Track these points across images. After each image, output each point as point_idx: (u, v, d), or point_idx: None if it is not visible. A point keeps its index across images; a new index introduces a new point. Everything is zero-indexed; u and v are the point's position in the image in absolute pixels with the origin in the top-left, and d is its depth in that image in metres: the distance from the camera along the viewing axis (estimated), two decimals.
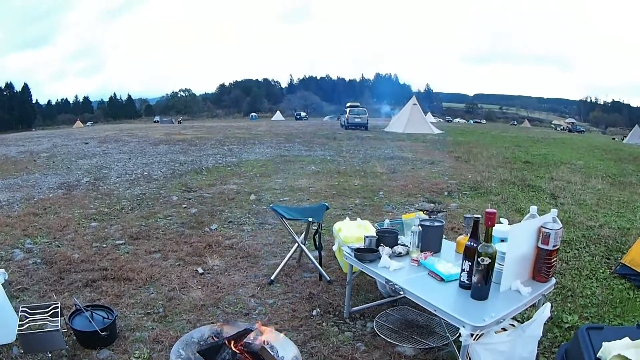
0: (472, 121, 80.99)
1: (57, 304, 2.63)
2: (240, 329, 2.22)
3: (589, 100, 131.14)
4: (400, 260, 2.60)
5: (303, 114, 67.07)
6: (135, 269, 3.69)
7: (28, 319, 2.46)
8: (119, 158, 11.48)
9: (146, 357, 2.47)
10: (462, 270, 2.21)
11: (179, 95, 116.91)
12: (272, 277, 3.50)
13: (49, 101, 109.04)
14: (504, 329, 2.14)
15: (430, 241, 2.71)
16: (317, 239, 3.56)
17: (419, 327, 2.79)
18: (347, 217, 4.04)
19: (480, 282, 2.08)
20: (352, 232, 3.36)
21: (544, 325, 2.10)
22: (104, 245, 4.37)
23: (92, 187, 7.52)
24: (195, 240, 4.50)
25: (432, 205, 6.08)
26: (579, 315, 3.00)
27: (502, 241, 2.32)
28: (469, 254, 2.15)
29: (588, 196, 7.10)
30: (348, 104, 32.79)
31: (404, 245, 2.75)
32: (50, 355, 2.43)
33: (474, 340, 1.93)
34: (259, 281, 3.51)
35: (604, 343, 1.73)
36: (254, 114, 78.00)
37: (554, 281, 2.38)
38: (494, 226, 2.16)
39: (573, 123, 65.35)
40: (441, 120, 66.08)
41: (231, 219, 5.37)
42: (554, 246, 2.27)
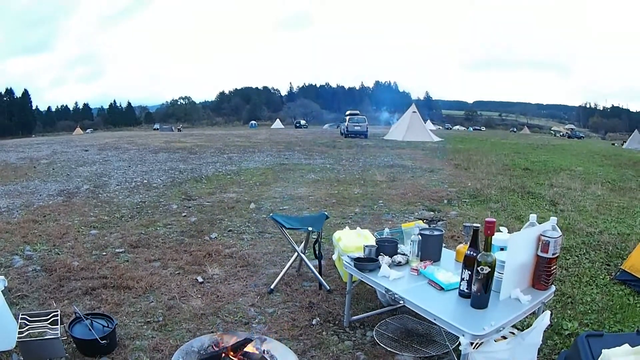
0: (471, 128, 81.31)
1: (57, 311, 2.64)
2: (241, 338, 2.22)
3: (588, 106, 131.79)
4: (400, 269, 2.61)
5: (303, 122, 67.20)
6: (135, 277, 3.69)
7: (28, 327, 2.46)
8: (118, 166, 11.48)
9: None
10: (462, 279, 2.22)
11: (178, 103, 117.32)
12: (271, 286, 3.50)
13: (49, 107, 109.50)
14: (503, 337, 2.15)
15: (429, 250, 2.72)
16: (316, 248, 3.56)
17: (418, 336, 2.79)
18: (346, 226, 4.05)
19: (479, 290, 2.09)
20: (351, 241, 3.37)
21: (544, 333, 2.11)
22: (104, 253, 4.37)
23: (92, 194, 7.52)
24: (195, 249, 4.50)
25: (431, 214, 6.09)
26: (579, 322, 3.00)
27: (502, 250, 2.34)
28: (468, 263, 2.16)
29: (588, 202, 7.12)
30: (348, 112, 32.86)
31: (403, 254, 2.76)
32: None
33: (473, 348, 1.93)
34: (259, 290, 3.51)
35: (603, 350, 1.73)
36: (253, 122, 78.16)
37: (553, 289, 2.39)
38: (494, 235, 2.18)
39: (572, 129, 65.48)
40: (440, 127, 66.28)
41: (231, 227, 5.37)
42: (553, 254, 2.28)
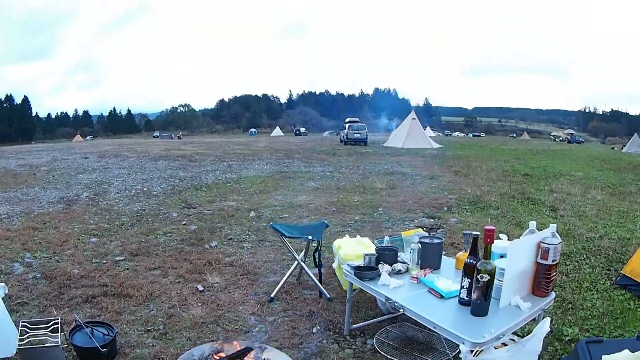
0: (471, 134, 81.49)
1: (58, 319, 2.64)
2: (241, 347, 2.22)
3: (587, 111, 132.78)
4: (399, 277, 2.61)
5: (302, 129, 67.34)
6: (135, 285, 3.69)
7: (28, 334, 2.47)
8: (118, 173, 11.50)
9: None
10: (462, 287, 2.23)
11: (178, 111, 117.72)
12: (272, 295, 3.50)
13: (49, 114, 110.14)
14: (504, 344, 2.15)
15: (429, 258, 2.73)
16: (316, 257, 3.57)
17: (419, 344, 2.79)
18: (346, 234, 4.06)
19: (479, 298, 2.10)
20: (351, 249, 3.38)
21: (544, 339, 2.12)
22: (104, 261, 4.37)
23: (92, 202, 7.53)
24: (195, 257, 4.51)
25: (431, 221, 6.10)
26: (580, 328, 3.00)
27: (502, 257, 2.35)
28: (468, 271, 2.17)
29: (588, 207, 7.13)
30: (347, 120, 32.97)
31: (403, 262, 2.76)
32: None
33: (473, 356, 1.94)
34: (259, 299, 3.51)
35: (603, 356, 1.74)
36: (253, 129, 78.33)
37: (553, 295, 2.40)
38: (493, 243, 2.19)
39: (572, 134, 65.66)
40: (440, 134, 66.49)
41: (231, 236, 5.37)
42: (553, 261, 2.29)
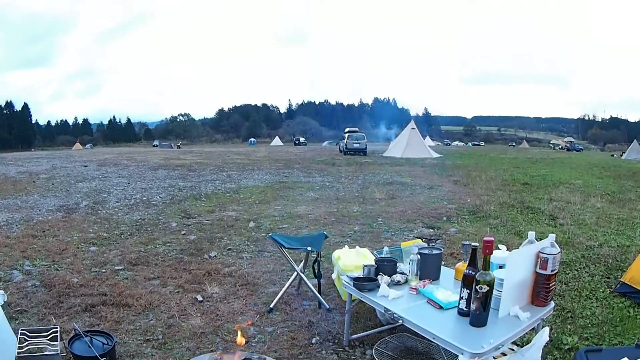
0: (470, 143, 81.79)
1: (57, 328, 2.64)
2: (240, 357, 2.22)
3: (587, 118, 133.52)
4: (399, 288, 2.62)
5: (302, 139, 67.52)
6: (134, 295, 3.69)
7: (27, 342, 2.47)
8: (118, 182, 11.51)
9: None
10: (461, 298, 2.24)
11: (178, 120, 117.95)
12: (271, 305, 3.50)
13: (49, 122, 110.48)
14: (503, 354, 2.16)
15: (428, 269, 2.74)
16: (316, 268, 3.58)
17: (418, 354, 2.79)
18: (346, 245, 4.07)
19: (478, 309, 2.11)
20: (351, 260, 3.39)
21: (544, 348, 2.12)
22: (103, 270, 4.38)
23: (91, 211, 7.54)
24: (194, 267, 4.51)
25: (431, 231, 6.11)
26: (579, 336, 3.01)
27: (501, 267, 2.36)
28: (467, 281, 2.19)
29: (587, 216, 7.16)
30: (347, 129, 33.01)
31: (402, 273, 2.77)
32: None
33: None
34: (258, 309, 3.51)
35: None
36: (252, 139, 78.51)
37: (552, 305, 2.42)
38: (492, 253, 2.20)
39: (571, 142, 65.64)
40: (440, 143, 66.69)
41: (230, 246, 5.38)
42: (552, 271, 2.31)
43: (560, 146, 61.59)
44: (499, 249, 2.63)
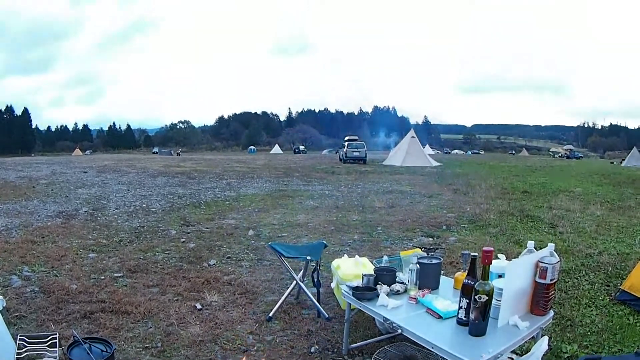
0: (470, 152, 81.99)
1: (56, 334, 2.64)
2: None
3: (586, 126, 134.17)
4: (398, 298, 2.63)
5: (302, 147, 67.71)
6: (133, 302, 3.69)
7: (26, 348, 2.46)
8: (117, 189, 11.52)
9: None
10: (460, 307, 2.24)
11: (178, 127, 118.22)
12: (270, 314, 3.49)
13: (49, 127, 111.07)
14: None
15: (428, 278, 2.74)
16: (315, 277, 3.59)
17: None
18: (345, 254, 4.07)
19: (477, 318, 2.11)
20: (350, 269, 3.38)
21: (543, 357, 2.12)
22: (102, 277, 4.37)
23: (91, 217, 7.54)
24: (193, 275, 4.50)
25: (430, 240, 6.11)
26: (579, 344, 3.00)
27: (500, 277, 2.37)
28: (466, 291, 2.20)
29: (587, 223, 7.17)
30: (346, 138, 33.13)
31: (402, 283, 2.78)
32: None
33: None
34: (257, 318, 3.51)
35: None
36: (252, 147, 78.76)
37: (552, 314, 2.43)
38: (491, 263, 2.22)
39: (571, 149, 65.78)
40: (439, 152, 66.88)
41: (229, 254, 5.37)
42: (551, 280, 2.32)
43: (560, 154, 61.71)
44: (498, 258, 2.64)
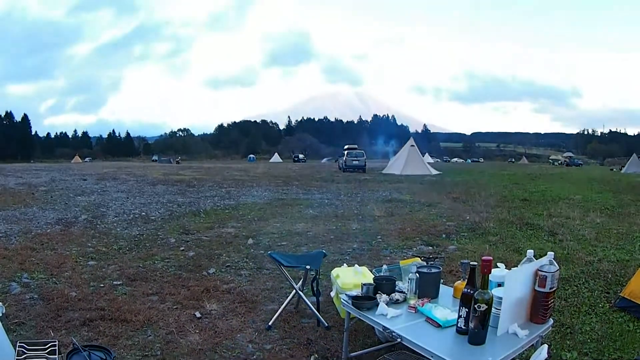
0: (469, 160, 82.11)
1: (55, 341, 2.63)
2: None
3: (586, 133, 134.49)
4: (397, 307, 2.62)
5: (301, 155, 67.75)
6: (132, 310, 3.68)
7: (25, 355, 2.45)
8: (116, 197, 11.53)
9: None
10: (459, 316, 2.25)
11: (177, 135, 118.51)
12: (269, 323, 3.49)
13: (48, 134, 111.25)
14: None
15: (427, 287, 2.75)
16: (314, 286, 3.59)
17: None
18: (344, 263, 4.08)
19: (477, 327, 2.12)
20: (349, 278, 3.38)
21: None
22: (102, 285, 4.37)
23: (90, 225, 7.54)
24: (192, 283, 4.50)
25: (430, 249, 6.12)
26: (578, 352, 3.00)
27: (499, 285, 2.38)
28: (465, 300, 2.20)
29: (587, 231, 7.18)
30: (346, 146, 33.19)
31: (401, 292, 2.78)
32: None
33: None
34: (257, 326, 3.50)
35: None
36: (252, 155, 78.87)
37: (551, 322, 2.43)
38: (491, 272, 2.23)
39: (570, 157, 65.78)
40: (439, 160, 66.98)
41: (229, 263, 5.36)
42: (550, 288, 2.33)
43: (560, 161, 61.78)
44: (497, 266, 2.65)
